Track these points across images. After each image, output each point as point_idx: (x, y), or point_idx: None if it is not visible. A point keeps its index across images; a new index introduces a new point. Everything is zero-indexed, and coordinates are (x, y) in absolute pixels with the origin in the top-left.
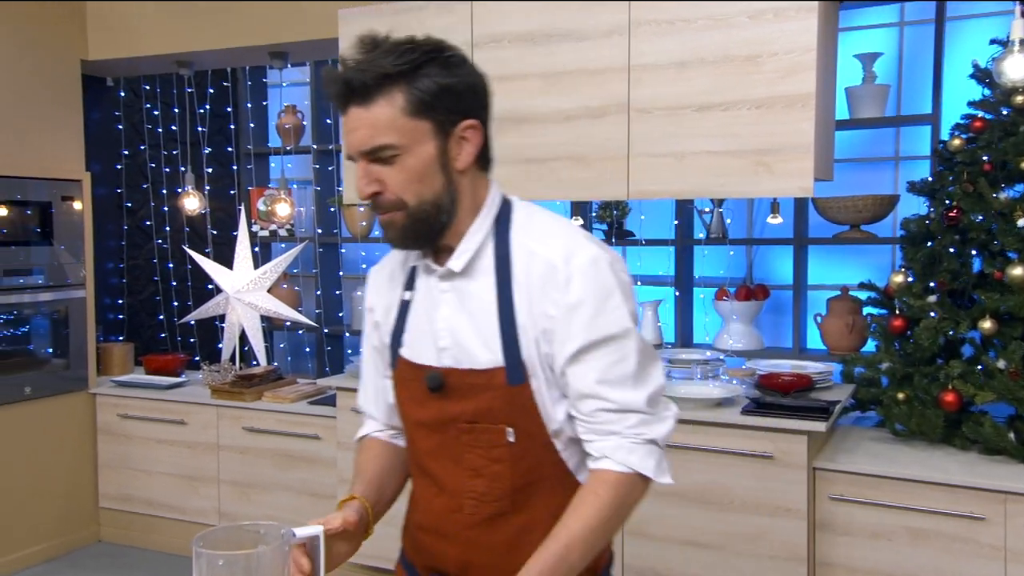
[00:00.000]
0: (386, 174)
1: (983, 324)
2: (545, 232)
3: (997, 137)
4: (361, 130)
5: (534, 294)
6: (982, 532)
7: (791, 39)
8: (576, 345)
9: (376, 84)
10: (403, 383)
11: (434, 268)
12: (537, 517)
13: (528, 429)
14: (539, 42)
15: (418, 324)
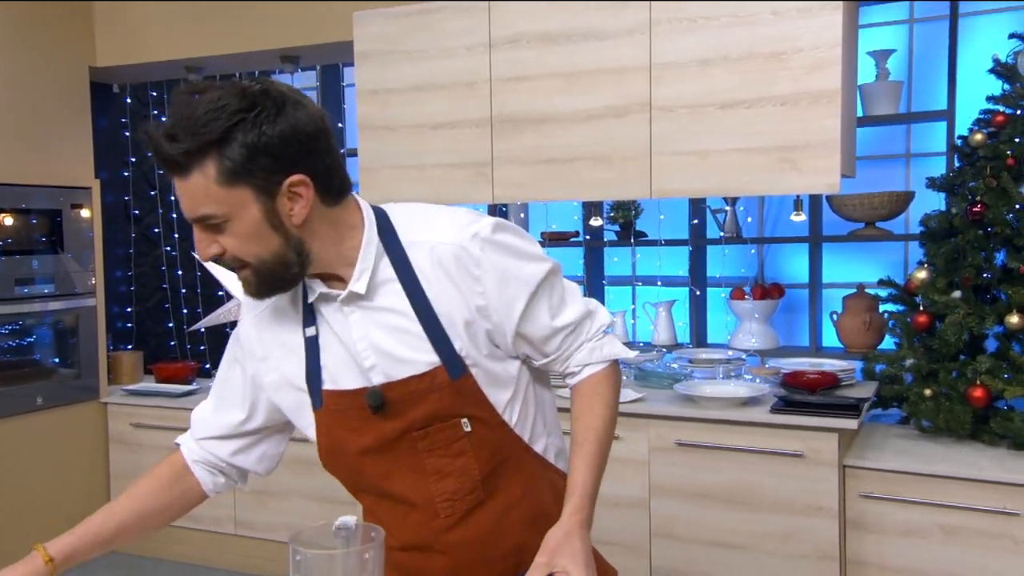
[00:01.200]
0: (220, 239)
1: (1010, 319)
2: (432, 223)
3: (1020, 131)
4: (184, 199)
5: (453, 280)
6: (1016, 527)
7: (816, 35)
8: (521, 306)
9: (186, 159)
10: (335, 415)
11: (334, 295)
12: (512, 497)
13: (480, 415)
14: (558, 42)
15: (334, 354)
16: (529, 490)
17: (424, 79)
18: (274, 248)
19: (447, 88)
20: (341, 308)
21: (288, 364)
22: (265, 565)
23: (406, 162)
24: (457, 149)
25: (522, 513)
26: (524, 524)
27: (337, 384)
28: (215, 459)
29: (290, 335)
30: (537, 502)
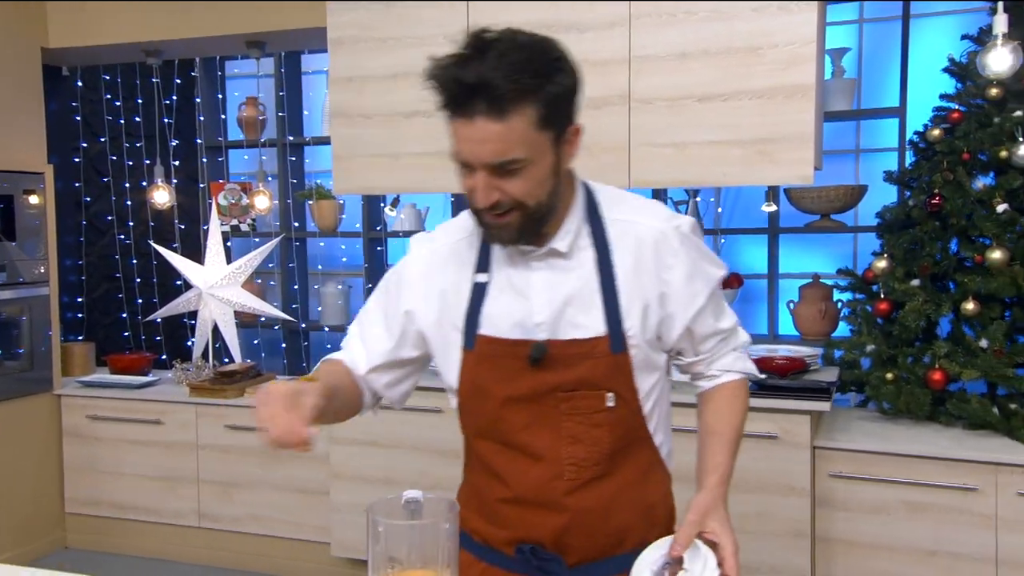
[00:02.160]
0: (508, 184)
1: (966, 306)
2: (637, 206)
3: (974, 128)
4: (491, 143)
5: (647, 263)
6: (975, 502)
7: (793, 32)
8: (701, 302)
9: (512, 98)
10: (486, 360)
11: (528, 250)
12: (628, 479)
13: (624, 395)
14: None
15: (502, 303)
16: (642, 478)
17: (400, 67)
18: (549, 191)
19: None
20: (528, 262)
21: (449, 303)
22: (231, 558)
23: (381, 150)
24: (434, 138)
25: (632, 497)
26: (632, 508)
27: (497, 331)
28: (373, 388)
29: (458, 277)
30: (646, 491)
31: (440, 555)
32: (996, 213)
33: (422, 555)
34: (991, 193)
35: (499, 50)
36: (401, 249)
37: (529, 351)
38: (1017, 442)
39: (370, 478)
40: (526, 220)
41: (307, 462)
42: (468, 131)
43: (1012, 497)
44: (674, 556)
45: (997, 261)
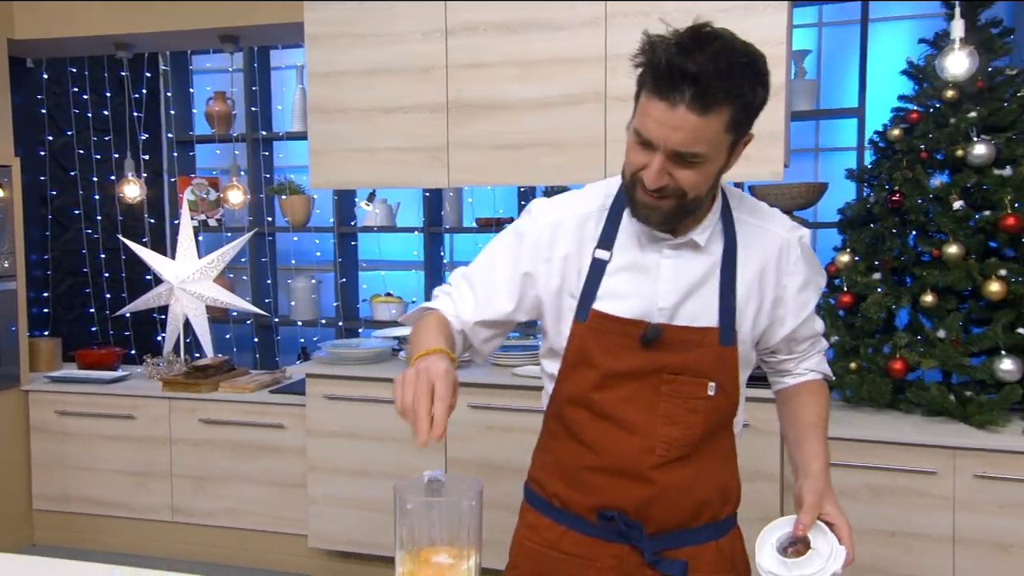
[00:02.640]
0: (680, 173)
1: (925, 298)
2: (764, 212)
3: (932, 127)
4: (684, 133)
5: (769, 266)
6: (934, 485)
7: (764, 33)
8: (810, 309)
9: (719, 97)
10: (596, 334)
11: (663, 238)
12: (709, 463)
13: (725, 386)
14: (515, 31)
15: (624, 282)
16: (723, 463)
17: (377, 63)
18: (709, 188)
19: (401, 73)
20: (662, 249)
21: (569, 272)
22: (205, 552)
23: (358, 145)
24: (411, 133)
25: (712, 476)
26: (711, 486)
27: (613, 309)
28: (470, 340)
29: (580, 249)
30: (724, 472)
31: (465, 533)
32: (952, 210)
33: (448, 532)
34: (947, 190)
35: (716, 48)
36: (373, 243)
37: (642, 331)
38: (972, 427)
39: (347, 470)
40: (678, 209)
41: (283, 455)
42: (665, 115)
43: (969, 479)
44: (798, 535)
45: (953, 256)
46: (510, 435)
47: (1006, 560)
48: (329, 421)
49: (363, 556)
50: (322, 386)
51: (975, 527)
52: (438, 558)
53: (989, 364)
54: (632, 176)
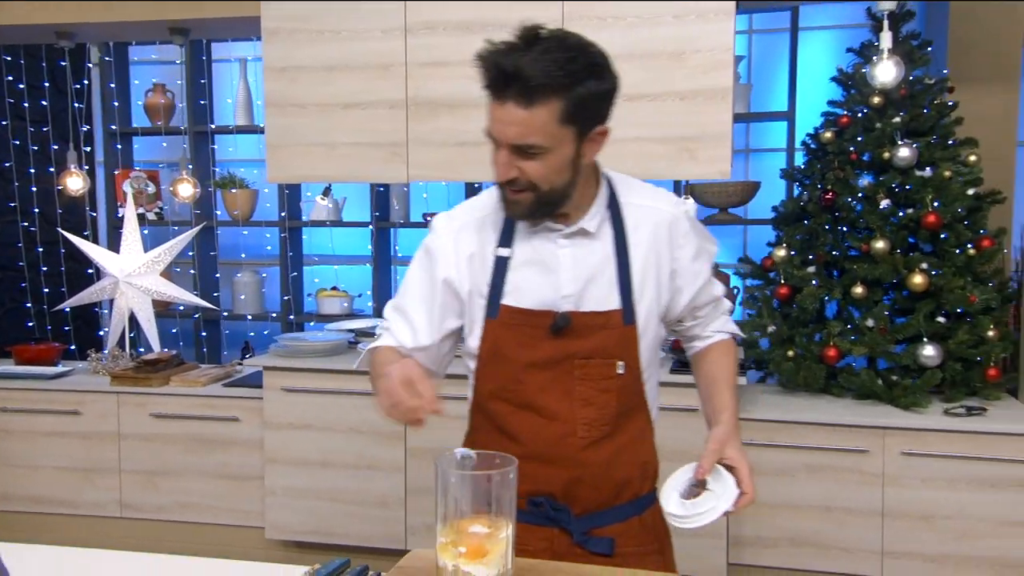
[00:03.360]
0: (526, 165)
1: (855, 290)
2: (650, 192)
3: (860, 131)
4: (515, 127)
5: (661, 243)
6: (864, 463)
7: (712, 39)
8: (706, 276)
9: (540, 91)
10: (508, 328)
11: (557, 228)
12: (628, 439)
13: (631, 363)
14: (475, 31)
15: (528, 276)
16: (639, 438)
17: (336, 59)
18: (565, 180)
19: (360, 69)
20: (556, 240)
21: (476, 271)
22: (156, 546)
23: (316, 140)
24: (371, 129)
25: (632, 455)
26: (631, 464)
27: (520, 302)
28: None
29: (482, 247)
30: (642, 450)
31: (501, 504)
32: (879, 208)
33: (485, 504)
34: (875, 190)
35: (544, 46)
36: (322, 238)
37: (551, 321)
38: (898, 409)
39: (306, 461)
40: (538, 201)
41: (238, 448)
42: (499, 112)
43: (896, 456)
44: (699, 478)
45: (880, 250)
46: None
47: (929, 530)
48: (287, 413)
49: (322, 546)
50: (279, 379)
51: (901, 500)
52: (475, 528)
53: (912, 350)
54: (495, 176)
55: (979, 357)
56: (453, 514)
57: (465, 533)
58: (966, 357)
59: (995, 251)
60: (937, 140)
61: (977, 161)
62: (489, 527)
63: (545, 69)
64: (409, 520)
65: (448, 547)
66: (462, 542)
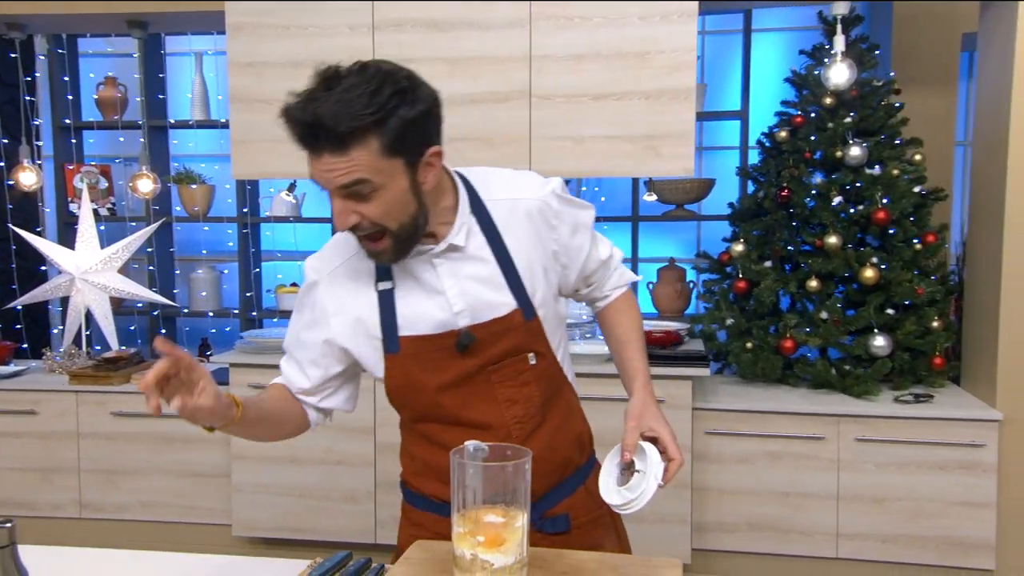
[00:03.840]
0: (364, 208)
1: (810, 283)
2: (511, 183)
3: (814, 130)
4: (336, 173)
5: (536, 231)
6: (822, 449)
7: (675, 40)
8: (587, 247)
9: (350, 135)
10: (413, 358)
11: (427, 248)
12: (560, 419)
13: (542, 351)
14: (443, 28)
15: (415, 303)
16: (569, 416)
17: (303, 55)
18: (412, 213)
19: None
20: (431, 260)
21: (362, 315)
22: (117, 546)
23: (283, 136)
24: None
25: (566, 434)
26: (568, 442)
27: (417, 330)
28: (309, 405)
29: (364, 289)
30: (575, 426)
31: (515, 494)
32: (832, 204)
33: (500, 494)
34: (828, 187)
35: (344, 86)
36: (283, 232)
37: (455, 340)
38: (851, 397)
39: (274, 458)
40: (397, 242)
41: (203, 446)
42: (318, 165)
43: (850, 442)
44: (625, 462)
45: (833, 245)
46: None
47: (881, 512)
48: None
49: (291, 542)
50: (247, 375)
51: (855, 484)
52: (490, 518)
53: (863, 341)
54: (337, 225)
55: (925, 347)
56: (470, 504)
57: (482, 523)
58: (913, 347)
59: (939, 246)
60: (885, 139)
61: (922, 160)
62: (504, 516)
63: (349, 112)
64: (379, 514)
65: (466, 536)
66: (480, 531)
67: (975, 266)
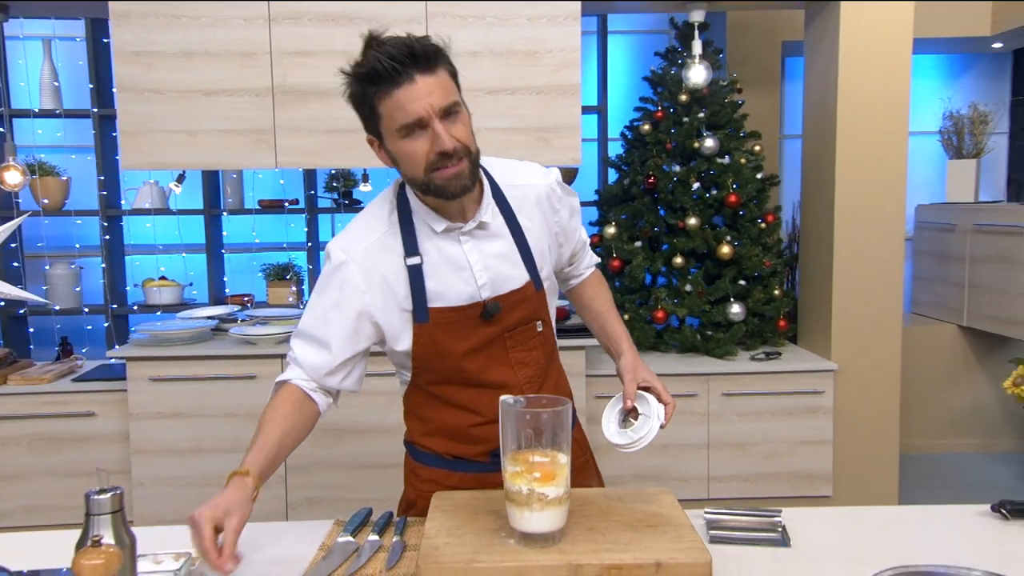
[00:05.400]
0: (455, 130)
1: (676, 260)
2: (521, 171)
3: (673, 124)
4: (436, 92)
5: (543, 214)
6: (695, 405)
7: (562, 40)
8: (579, 228)
9: (435, 55)
10: (443, 327)
11: (457, 227)
12: (556, 378)
13: (546, 319)
14: (341, 23)
15: (442, 277)
16: (560, 376)
17: (196, 46)
18: (474, 141)
19: (223, 56)
20: (458, 238)
21: (394, 288)
22: None
23: (176, 127)
24: (236, 116)
25: (561, 391)
26: (562, 394)
27: (446, 302)
28: (328, 387)
29: (394, 265)
30: (564, 385)
31: (560, 435)
32: (691, 190)
33: (545, 436)
34: (687, 175)
35: (401, 38)
36: (141, 227)
37: (480, 310)
38: (715, 358)
39: (178, 450)
40: (472, 166)
41: (95, 444)
42: (413, 92)
43: (718, 397)
44: (628, 408)
45: (693, 226)
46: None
47: (743, 456)
48: (155, 403)
49: None
50: (145, 368)
51: (723, 433)
52: (537, 458)
53: (722, 309)
54: (425, 168)
55: (771, 312)
56: (522, 447)
57: (534, 462)
58: (761, 312)
59: (776, 225)
60: (732, 132)
61: (760, 150)
62: (548, 456)
63: (423, 42)
64: (290, 496)
65: (522, 475)
66: (535, 469)
67: (809, 242)
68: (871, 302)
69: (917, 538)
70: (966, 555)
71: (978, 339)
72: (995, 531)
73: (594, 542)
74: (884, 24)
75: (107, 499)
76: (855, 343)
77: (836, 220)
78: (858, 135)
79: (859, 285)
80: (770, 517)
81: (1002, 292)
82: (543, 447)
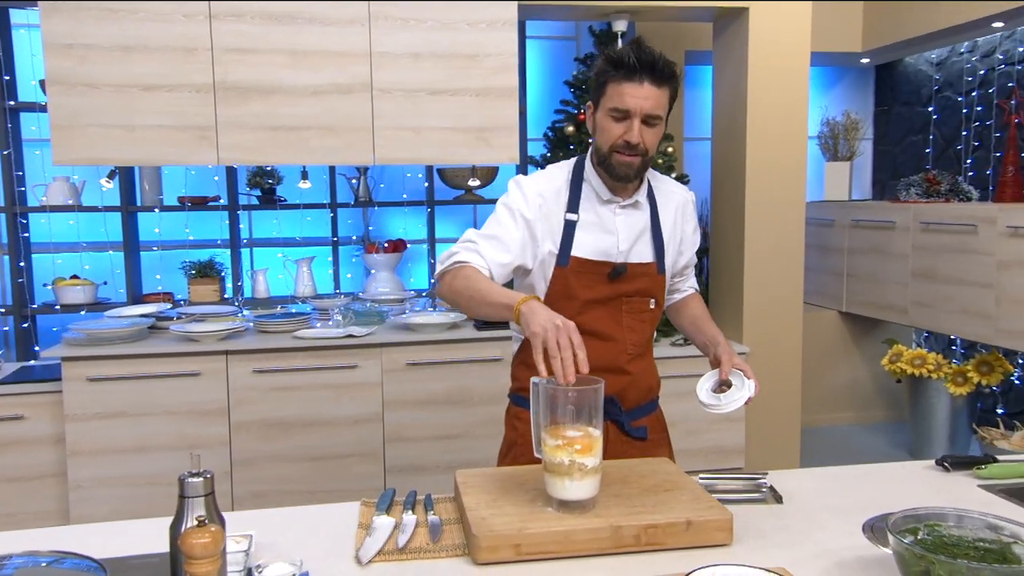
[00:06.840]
0: (646, 134)
1: None
2: (665, 178)
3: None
4: (651, 100)
5: (678, 218)
6: None
7: (499, 45)
8: (695, 248)
9: (669, 76)
10: (578, 274)
11: (614, 200)
12: (650, 357)
13: (659, 301)
14: (283, 22)
15: (592, 235)
16: (651, 358)
17: (133, 40)
18: (654, 153)
19: (161, 51)
20: (614, 210)
21: (552, 229)
22: None
23: (112, 121)
24: (176, 112)
25: (652, 369)
26: (652, 375)
27: (587, 255)
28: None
29: (557, 215)
30: (654, 367)
31: (592, 411)
32: None
33: (579, 412)
34: None
35: (657, 50)
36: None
37: (610, 269)
38: None
39: (118, 449)
40: (642, 165)
41: (25, 448)
42: (636, 90)
43: None
44: (724, 379)
45: None
46: (293, 393)
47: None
48: (92, 403)
49: None
50: (82, 368)
51: None
52: (572, 432)
53: None
54: (610, 147)
55: None
56: (558, 422)
57: (571, 436)
58: None
59: None
60: None
61: (673, 151)
62: (581, 431)
63: (667, 62)
64: (236, 491)
65: (563, 447)
66: (575, 442)
67: (720, 236)
68: (777, 290)
69: (887, 488)
70: (931, 500)
71: (854, 323)
72: (943, 481)
73: (626, 506)
74: (787, 35)
75: (200, 482)
76: (763, 328)
77: (747, 215)
78: (765, 137)
79: (766, 275)
80: (756, 480)
81: (875, 280)
82: (582, 423)
